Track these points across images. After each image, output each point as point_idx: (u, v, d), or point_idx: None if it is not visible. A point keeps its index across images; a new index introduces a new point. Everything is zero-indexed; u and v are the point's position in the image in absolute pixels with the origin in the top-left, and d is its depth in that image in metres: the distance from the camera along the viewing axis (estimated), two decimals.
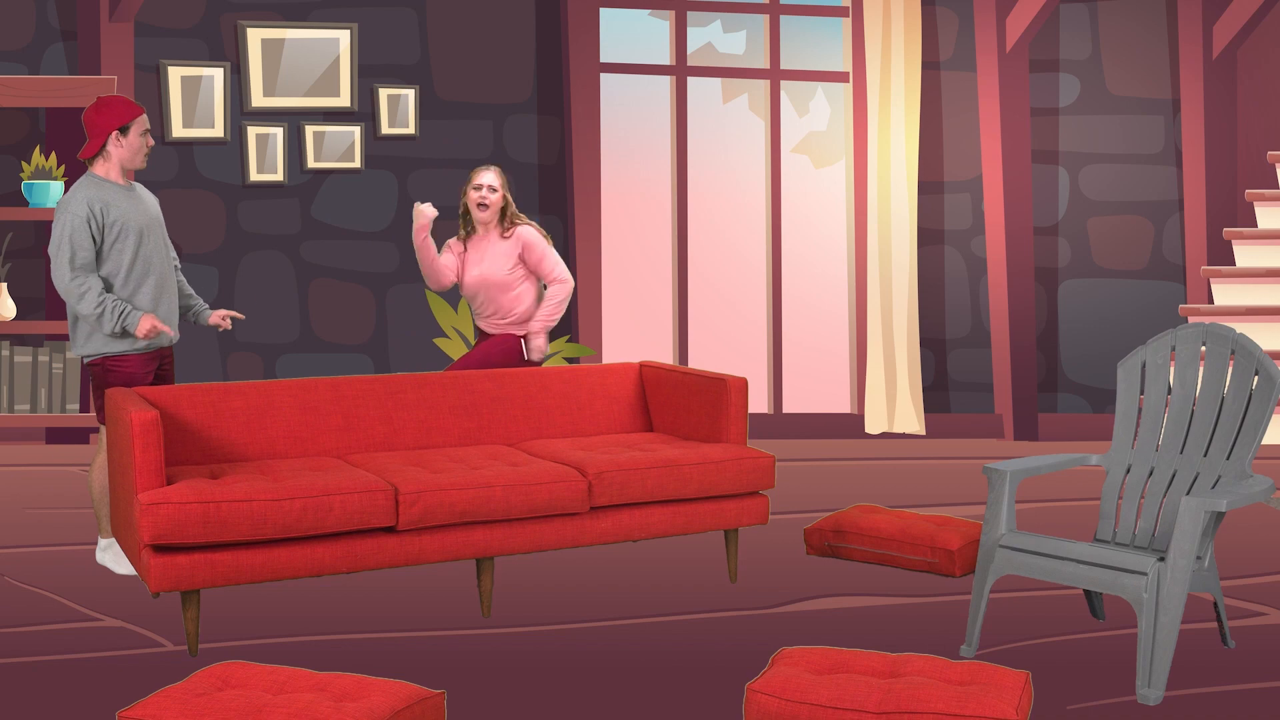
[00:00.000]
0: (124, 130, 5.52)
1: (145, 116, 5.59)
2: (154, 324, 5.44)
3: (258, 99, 9.00)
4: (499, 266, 6.46)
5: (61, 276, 5.38)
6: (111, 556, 5.68)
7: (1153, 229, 9.75)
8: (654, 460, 5.34)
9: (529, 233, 6.49)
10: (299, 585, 5.46)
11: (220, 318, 5.87)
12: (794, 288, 9.70)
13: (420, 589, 5.47)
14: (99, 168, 5.55)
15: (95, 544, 6.08)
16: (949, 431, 9.66)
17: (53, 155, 8.56)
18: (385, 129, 9.16)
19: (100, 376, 5.55)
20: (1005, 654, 4.72)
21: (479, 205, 6.46)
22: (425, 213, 6.41)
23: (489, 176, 6.46)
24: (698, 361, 9.62)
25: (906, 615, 5.18)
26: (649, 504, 5.35)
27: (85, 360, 5.60)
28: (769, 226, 9.68)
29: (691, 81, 9.57)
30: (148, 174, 8.93)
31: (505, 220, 6.49)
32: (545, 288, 6.60)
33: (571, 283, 6.54)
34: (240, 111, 9.02)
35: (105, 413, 5.23)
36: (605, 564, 5.89)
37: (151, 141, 5.62)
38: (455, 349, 8.78)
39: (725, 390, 5.67)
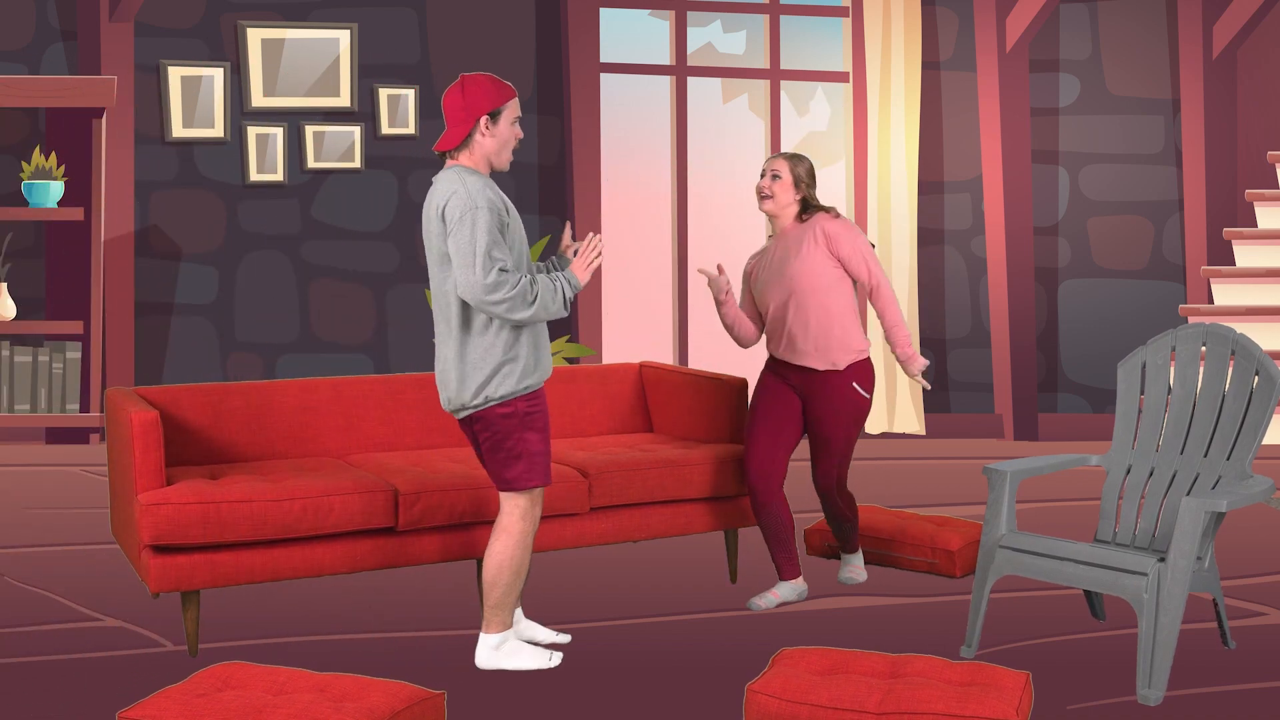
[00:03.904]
0: (494, 116, 4.47)
1: (517, 101, 4.54)
2: None
3: (258, 99, 8.99)
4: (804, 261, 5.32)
5: (480, 284, 4.27)
6: (506, 654, 4.59)
7: (1153, 229, 9.75)
8: (654, 460, 5.33)
9: (830, 219, 5.32)
10: (299, 585, 5.46)
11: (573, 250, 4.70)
12: None
13: (420, 589, 5.46)
14: (464, 159, 4.47)
15: (90, 544, 6.06)
16: (949, 431, 9.66)
17: (53, 155, 8.56)
18: (385, 129, 9.16)
19: (517, 426, 4.46)
20: (1005, 654, 4.72)
21: (760, 195, 5.44)
22: (717, 282, 5.41)
23: (774, 163, 5.39)
24: (698, 361, 9.61)
25: (906, 615, 5.18)
26: (649, 504, 5.34)
27: (481, 410, 4.46)
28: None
29: (691, 81, 9.57)
30: (144, 173, 8.93)
31: (801, 216, 5.44)
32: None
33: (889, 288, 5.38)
34: (240, 111, 9.01)
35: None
36: (605, 564, 5.89)
37: (521, 133, 4.54)
38: None
39: (725, 390, 5.67)
